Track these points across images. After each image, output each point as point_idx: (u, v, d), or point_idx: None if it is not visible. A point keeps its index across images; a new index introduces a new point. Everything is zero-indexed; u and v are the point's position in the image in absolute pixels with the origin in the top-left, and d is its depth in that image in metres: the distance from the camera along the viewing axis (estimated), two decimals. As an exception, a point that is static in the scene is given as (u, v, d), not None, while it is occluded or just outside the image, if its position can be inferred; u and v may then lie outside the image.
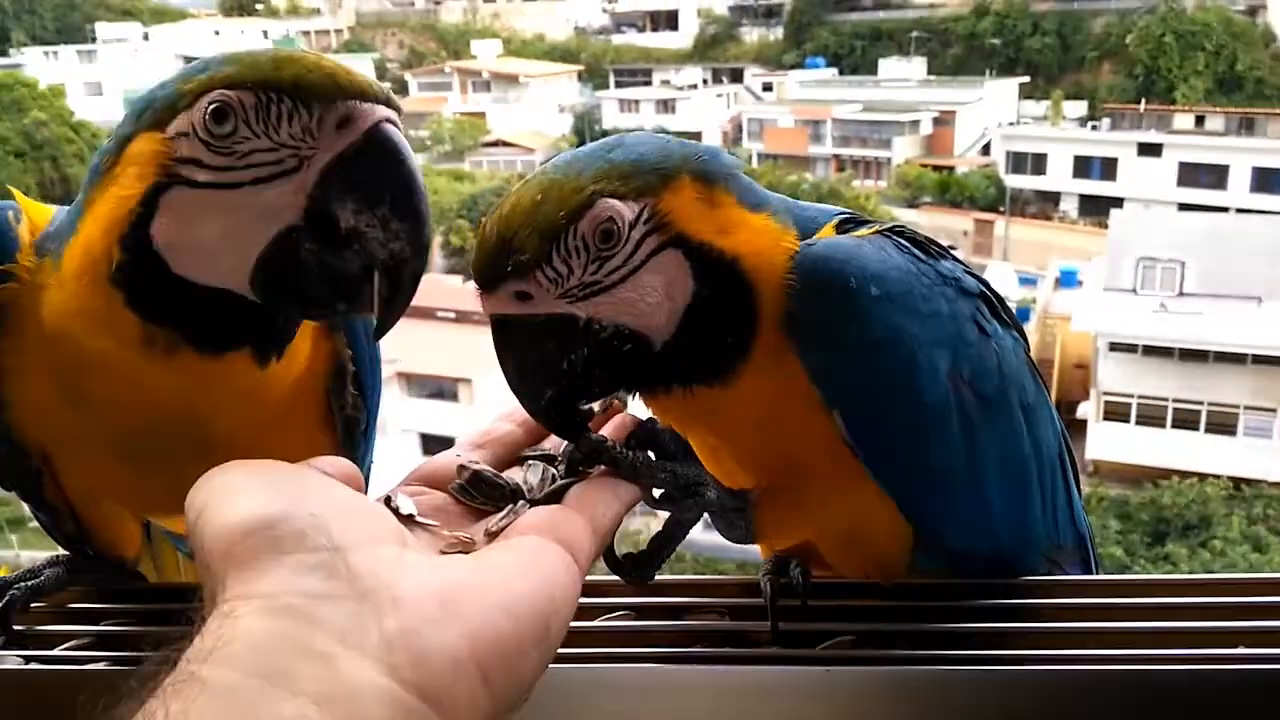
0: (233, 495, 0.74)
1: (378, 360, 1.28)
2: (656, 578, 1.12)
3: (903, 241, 1.13)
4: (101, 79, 49.42)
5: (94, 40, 52.41)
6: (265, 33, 57.99)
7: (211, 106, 0.92)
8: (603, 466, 0.96)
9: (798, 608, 1.12)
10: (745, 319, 1.04)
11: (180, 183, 0.94)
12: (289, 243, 0.95)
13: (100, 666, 1.10)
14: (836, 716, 1.02)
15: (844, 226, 1.12)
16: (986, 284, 1.19)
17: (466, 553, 0.83)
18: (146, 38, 54.31)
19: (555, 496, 0.91)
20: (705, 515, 1.12)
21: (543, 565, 0.78)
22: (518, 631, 0.72)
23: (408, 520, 0.84)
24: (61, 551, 1.27)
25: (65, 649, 1.14)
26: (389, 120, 0.94)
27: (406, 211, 0.93)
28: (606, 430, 1.04)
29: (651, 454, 1.04)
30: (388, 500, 0.87)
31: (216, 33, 57.10)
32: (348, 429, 1.25)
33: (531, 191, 0.99)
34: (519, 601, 0.73)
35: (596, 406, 1.07)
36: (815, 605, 1.12)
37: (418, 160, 0.97)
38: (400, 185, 0.93)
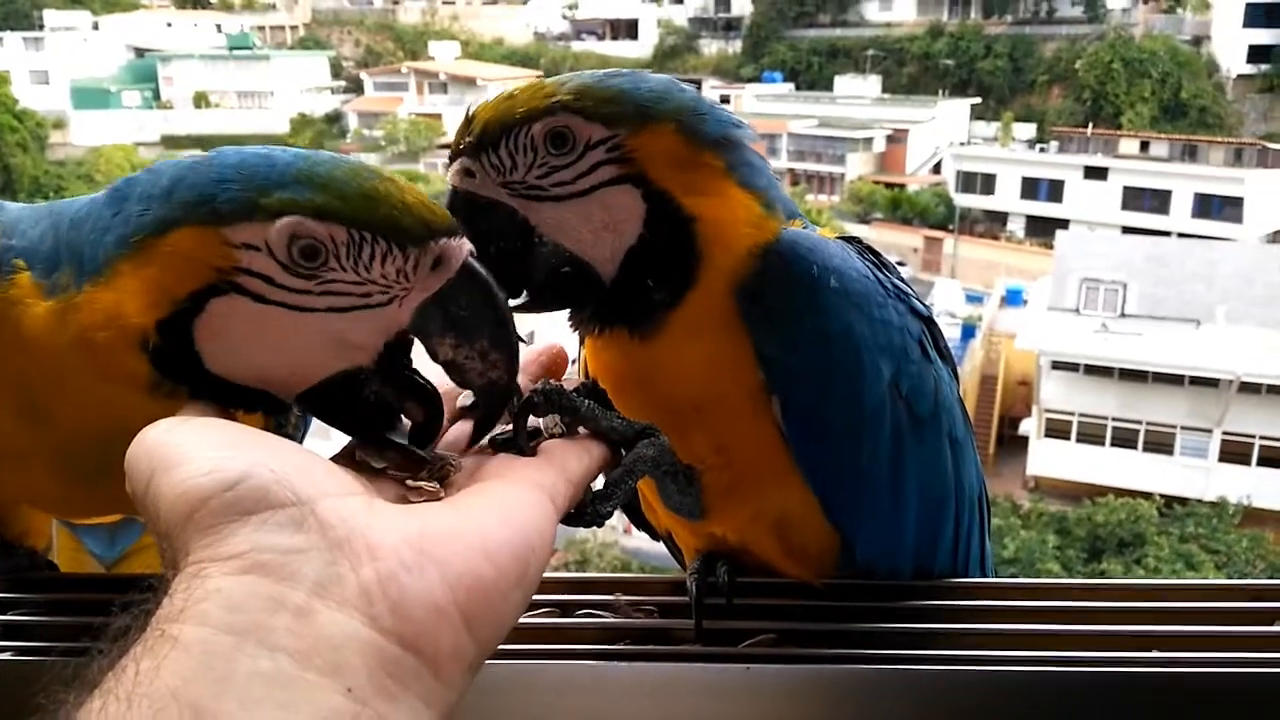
0: (187, 458, 0.72)
1: None
2: (583, 574, 1.11)
3: (864, 249, 1.15)
4: (49, 68, 48.46)
5: (41, 28, 51.28)
6: (219, 26, 57.25)
7: (300, 243, 0.86)
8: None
9: (723, 606, 1.12)
10: (680, 278, 1.05)
11: (239, 291, 0.88)
12: (352, 379, 0.91)
13: (6, 657, 1.07)
14: (756, 714, 1.02)
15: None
16: (932, 314, 1.21)
17: (435, 500, 0.80)
18: (96, 27, 53.31)
19: (519, 444, 0.90)
20: (658, 489, 1.13)
21: (519, 506, 0.77)
22: (497, 574, 0.70)
23: (376, 474, 0.83)
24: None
25: (-31, 639, 1.10)
26: (471, 253, 0.92)
27: (504, 344, 0.92)
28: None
29: None
30: (352, 455, 0.85)
31: (169, 24, 56.28)
32: None
33: (513, 89, 1.04)
34: (497, 544, 0.72)
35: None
36: (740, 604, 1.12)
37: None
38: (496, 320, 0.92)
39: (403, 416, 0.93)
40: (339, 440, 0.94)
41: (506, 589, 0.71)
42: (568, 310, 1.10)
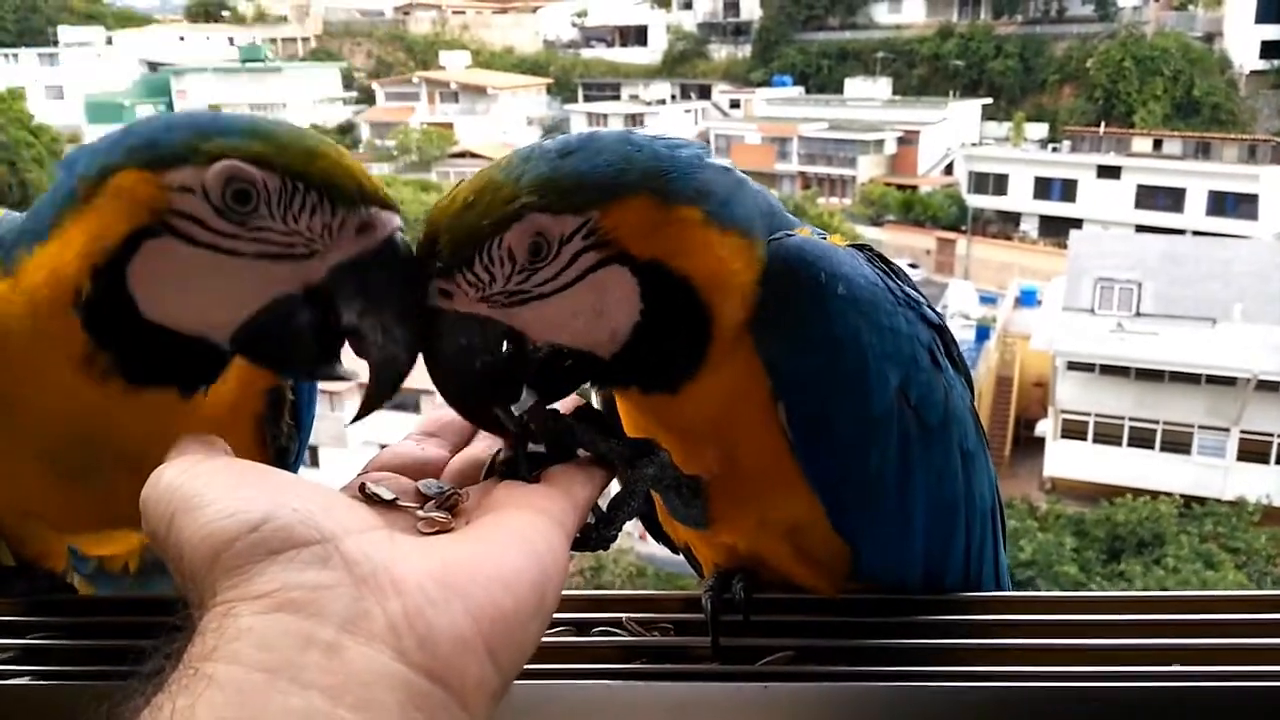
0: (207, 501, 0.73)
1: (315, 392, 1.27)
2: (598, 592, 1.12)
3: (874, 255, 1.14)
4: (63, 83, 48.84)
5: (56, 43, 51.70)
6: (231, 40, 57.59)
7: (234, 186, 0.89)
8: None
9: (739, 623, 1.11)
10: (696, 339, 1.02)
11: (172, 234, 0.91)
12: (282, 309, 0.94)
13: (25, 681, 1.07)
14: (774, 733, 1.01)
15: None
16: (945, 323, 1.19)
17: (446, 532, 0.82)
18: (110, 42, 53.73)
19: (523, 471, 0.91)
20: (663, 501, 1.12)
21: (532, 536, 0.78)
22: (517, 604, 0.72)
23: (387, 506, 0.84)
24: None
25: (-11, 663, 1.10)
26: (399, 229, 0.94)
27: (408, 323, 0.94)
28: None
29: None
30: (362, 488, 0.87)
31: (181, 38, 56.68)
32: (279, 458, 1.24)
33: (468, 191, 0.98)
34: (514, 575, 0.73)
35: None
36: (757, 620, 1.11)
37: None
38: (405, 299, 0.94)
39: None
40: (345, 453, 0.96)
41: (526, 618, 0.72)
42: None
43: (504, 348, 0.99)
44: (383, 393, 0.96)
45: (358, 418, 1.00)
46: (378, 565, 0.70)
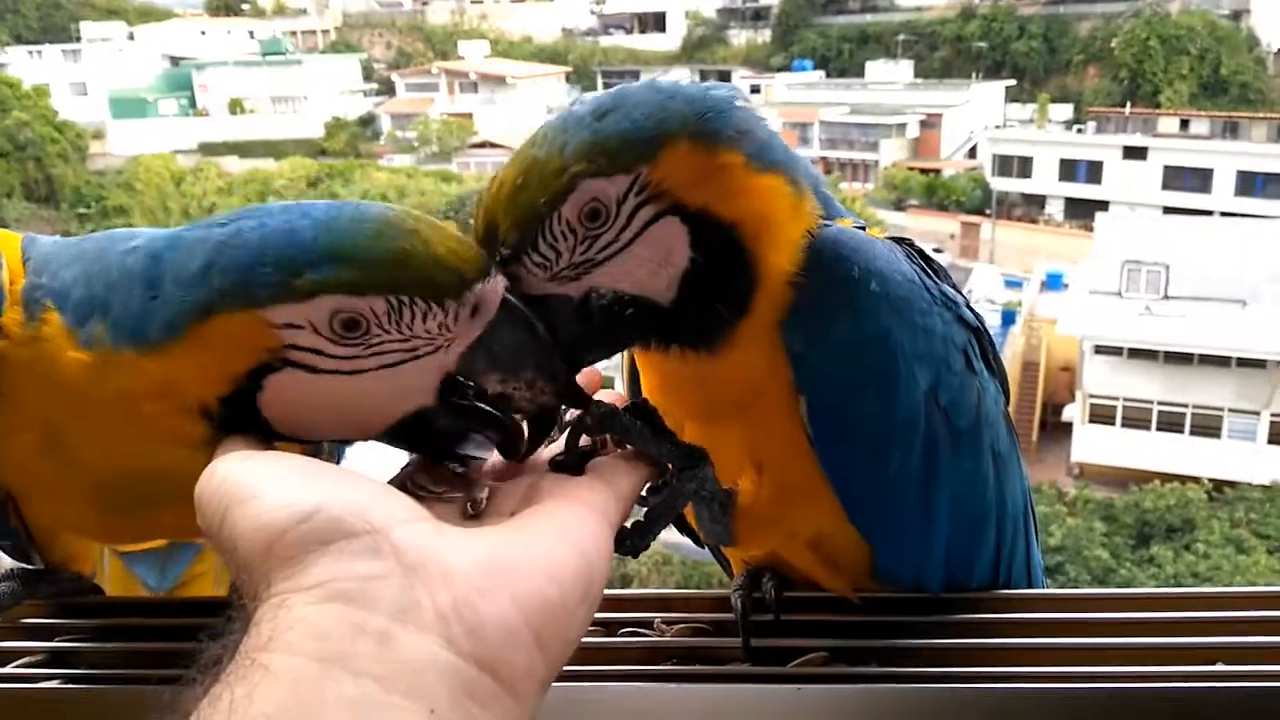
0: (260, 493, 0.75)
1: None
2: (627, 591, 1.10)
3: (913, 253, 1.11)
4: (86, 79, 49.18)
5: (78, 40, 52.14)
6: (251, 33, 57.84)
7: (340, 318, 0.88)
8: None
9: (770, 623, 1.09)
10: (739, 286, 1.01)
11: (293, 365, 0.90)
12: (422, 417, 0.93)
13: (53, 685, 1.07)
14: (808, 736, 0.99)
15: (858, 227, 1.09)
16: (984, 325, 1.16)
17: (475, 511, 0.85)
18: (132, 37, 54.10)
19: (571, 464, 0.91)
20: (694, 511, 1.11)
21: (577, 528, 0.79)
22: (563, 594, 0.73)
23: (432, 498, 0.86)
24: (16, 564, 1.23)
25: (17, 666, 1.11)
26: (505, 289, 0.94)
27: (548, 372, 0.94)
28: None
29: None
30: (404, 483, 0.88)
31: (202, 33, 56.96)
32: None
33: (514, 174, 0.97)
34: (560, 564, 0.74)
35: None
36: (788, 620, 1.10)
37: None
38: (538, 350, 0.94)
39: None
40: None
41: (572, 607, 0.73)
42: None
43: (577, 319, 0.99)
44: (541, 436, 0.96)
45: (523, 458, 0.96)
46: (427, 556, 0.71)
